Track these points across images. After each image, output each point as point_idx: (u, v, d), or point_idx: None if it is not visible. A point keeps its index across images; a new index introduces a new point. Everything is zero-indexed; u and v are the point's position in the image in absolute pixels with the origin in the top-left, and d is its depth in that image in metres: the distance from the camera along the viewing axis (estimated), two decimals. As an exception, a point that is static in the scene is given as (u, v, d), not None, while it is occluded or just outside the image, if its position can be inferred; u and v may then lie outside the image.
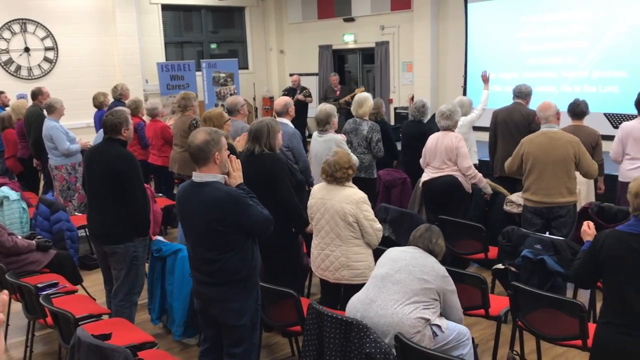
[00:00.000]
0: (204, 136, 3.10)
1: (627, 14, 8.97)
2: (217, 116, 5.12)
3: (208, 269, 3.16)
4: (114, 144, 4.07)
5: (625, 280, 2.67)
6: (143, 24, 12.25)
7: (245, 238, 3.16)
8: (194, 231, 3.19)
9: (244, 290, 3.20)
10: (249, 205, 3.10)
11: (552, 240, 4.18)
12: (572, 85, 9.75)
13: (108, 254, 4.16)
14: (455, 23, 11.16)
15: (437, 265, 3.32)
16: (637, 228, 2.69)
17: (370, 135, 5.99)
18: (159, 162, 7.25)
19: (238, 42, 14.31)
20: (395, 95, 12.39)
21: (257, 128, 4.22)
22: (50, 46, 11.24)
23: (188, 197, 3.18)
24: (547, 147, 4.68)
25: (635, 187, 2.70)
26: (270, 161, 4.19)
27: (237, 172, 3.20)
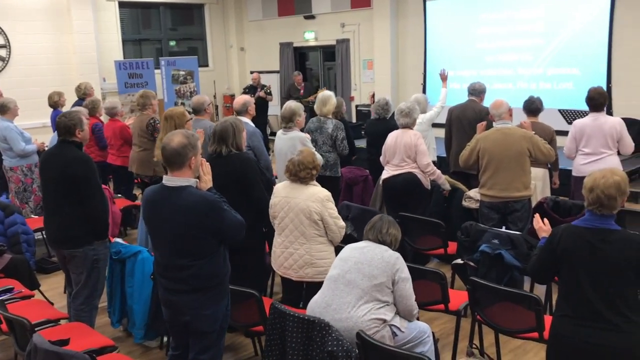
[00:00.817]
0: (181, 139, 3.01)
1: (581, 12, 9.23)
2: (179, 115, 5.05)
3: (181, 276, 3.07)
4: (69, 147, 3.99)
5: (582, 274, 2.73)
6: (100, 21, 12.01)
7: (218, 243, 3.09)
8: (166, 237, 3.09)
9: (216, 296, 3.13)
10: (224, 210, 3.05)
11: (508, 235, 4.28)
12: (528, 82, 9.98)
13: (67, 258, 4.08)
14: (415, 21, 11.29)
15: (387, 254, 3.30)
16: (592, 222, 2.75)
17: (335, 133, 6.00)
18: (118, 162, 7.13)
19: (198, 39, 14.16)
20: (357, 93, 12.46)
21: (223, 128, 4.19)
22: (2, 44, 10.90)
23: (159, 202, 3.08)
24: (502, 143, 4.80)
25: (590, 183, 2.75)
26: (240, 161, 4.18)
27: (207, 175, 3.14)
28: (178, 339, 3.29)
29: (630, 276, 2.68)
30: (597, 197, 2.70)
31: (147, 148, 6.32)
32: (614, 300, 2.68)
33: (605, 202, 2.70)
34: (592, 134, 5.28)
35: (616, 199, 2.71)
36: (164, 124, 5.19)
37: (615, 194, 2.69)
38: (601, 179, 2.71)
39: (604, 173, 2.75)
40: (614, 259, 2.68)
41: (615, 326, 2.66)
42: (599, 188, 2.69)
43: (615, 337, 2.66)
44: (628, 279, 2.69)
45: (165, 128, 5.10)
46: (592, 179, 2.75)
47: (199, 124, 5.72)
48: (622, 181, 2.73)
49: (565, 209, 4.94)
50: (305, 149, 4.15)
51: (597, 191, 2.69)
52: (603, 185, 2.69)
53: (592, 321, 2.70)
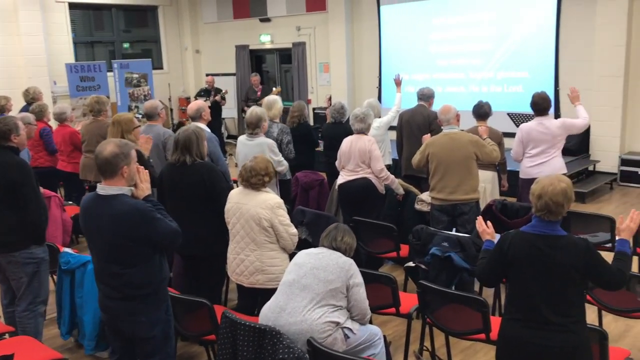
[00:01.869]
0: (113, 148, 3.03)
1: (529, 17, 9.50)
2: (127, 121, 4.97)
3: (115, 283, 3.10)
4: (5, 152, 3.95)
5: (531, 279, 2.80)
6: (49, 23, 11.72)
7: (152, 251, 3.11)
8: (99, 245, 3.12)
9: (152, 303, 3.15)
10: (156, 219, 3.05)
11: (458, 238, 4.38)
12: (480, 85, 10.21)
13: (4, 264, 4.01)
14: (369, 25, 11.41)
15: (341, 260, 3.34)
16: (540, 229, 2.82)
17: (281, 137, 6.02)
18: (68, 169, 6.98)
19: (152, 41, 13.97)
20: (314, 96, 12.51)
21: (186, 138, 4.19)
22: (-53, 46, 10.55)
23: (93, 210, 3.10)
24: (449, 147, 4.91)
25: (538, 190, 2.81)
26: (205, 170, 4.20)
27: (144, 183, 3.15)
28: (116, 344, 3.33)
29: (576, 278, 2.78)
30: (545, 204, 2.77)
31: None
32: (561, 303, 2.77)
33: (554, 209, 2.77)
34: (538, 138, 5.44)
35: (563, 205, 2.79)
36: (111, 129, 5.11)
37: (562, 201, 2.77)
38: (549, 186, 2.78)
39: (552, 180, 2.82)
40: (562, 264, 2.75)
41: (562, 327, 2.75)
42: (547, 195, 2.76)
43: (562, 337, 2.75)
44: (574, 281, 2.78)
45: (111, 133, 5.03)
46: (540, 187, 2.81)
47: (152, 130, 5.65)
48: (569, 188, 2.82)
49: (513, 211, 5.06)
50: (259, 155, 4.15)
51: (546, 198, 2.76)
52: (551, 193, 2.76)
53: (540, 323, 2.78)
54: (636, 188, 8.58)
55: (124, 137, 4.88)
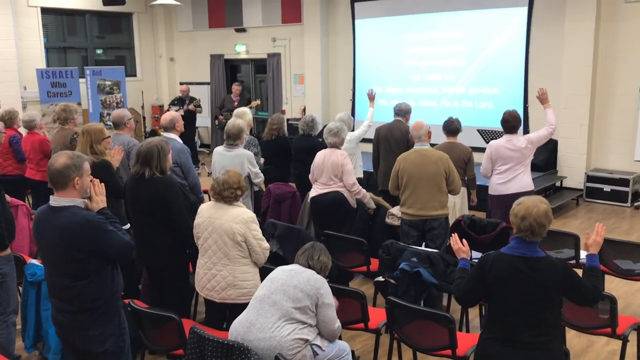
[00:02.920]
0: (65, 160, 3.03)
1: (499, 34, 9.70)
2: (96, 131, 4.92)
3: (65, 296, 3.08)
4: None
5: (511, 300, 2.84)
6: (20, 28, 11.54)
7: (104, 264, 3.09)
8: (50, 257, 3.11)
9: (103, 316, 3.13)
10: (107, 231, 3.04)
11: (427, 254, 4.43)
12: (452, 100, 10.38)
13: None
14: (344, 38, 11.51)
15: (313, 277, 3.36)
16: (521, 250, 2.86)
17: (247, 148, 6.04)
18: (37, 177, 6.88)
19: (125, 48, 13.86)
20: (288, 107, 12.55)
21: (147, 151, 4.15)
22: None
23: (44, 222, 3.08)
24: (420, 163, 4.99)
25: (522, 211, 2.84)
26: (163, 185, 4.14)
27: (99, 196, 3.14)
28: (72, 357, 3.30)
29: (555, 298, 2.85)
30: (529, 225, 2.81)
31: (69, 164, 6.13)
32: (539, 323, 2.83)
33: (537, 230, 2.82)
34: (506, 155, 5.55)
35: (545, 226, 2.85)
36: (80, 138, 5.05)
37: (545, 222, 2.84)
38: (534, 208, 2.82)
39: (535, 202, 2.86)
40: (543, 285, 2.81)
41: (539, 345, 2.81)
42: (532, 216, 2.81)
43: (539, 355, 2.81)
44: (554, 301, 2.85)
45: (80, 143, 4.99)
46: (524, 208, 2.84)
47: (119, 139, 5.61)
48: (549, 209, 2.88)
49: (481, 226, 5.16)
50: (232, 169, 4.15)
51: (530, 220, 2.81)
52: (536, 214, 2.81)
53: (519, 342, 2.83)
54: (601, 204, 8.79)
55: (94, 147, 4.83)
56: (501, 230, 5.04)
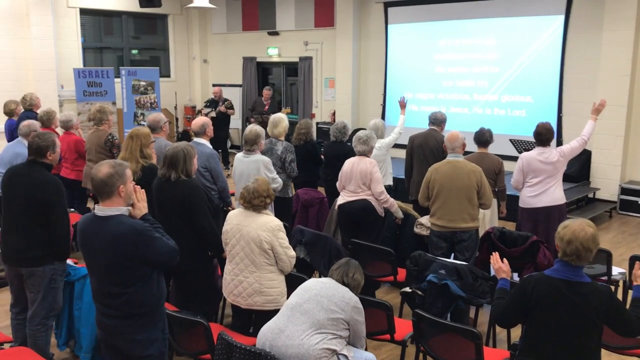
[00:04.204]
0: (108, 169, 3.06)
1: (535, 42, 9.58)
2: (145, 136, 5.04)
3: (112, 302, 3.12)
4: (39, 168, 4.02)
5: (552, 324, 2.80)
6: (60, 28, 11.82)
7: (150, 271, 3.13)
8: (97, 265, 3.14)
9: (149, 322, 3.18)
10: (154, 238, 3.08)
11: (455, 266, 4.41)
12: (484, 107, 10.28)
13: (25, 276, 4.06)
14: (376, 43, 11.49)
15: (347, 295, 3.38)
16: (566, 274, 2.82)
17: (284, 155, 6.10)
18: (72, 176, 7.03)
19: (160, 49, 14.07)
20: (318, 110, 12.59)
21: (173, 154, 4.23)
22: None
23: (90, 231, 3.12)
24: (451, 175, 4.96)
25: (568, 235, 2.79)
26: (188, 188, 4.22)
27: (142, 202, 3.18)
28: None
29: (598, 325, 2.80)
30: (575, 249, 2.77)
31: (105, 164, 6.26)
32: (579, 349, 2.79)
33: (583, 254, 2.78)
34: (538, 168, 5.48)
35: (592, 251, 2.80)
36: (129, 142, 5.16)
37: (592, 247, 2.79)
38: (580, 232, 2.78)
39: (582, 226, 2.82)
40: (586, 311, 2.77)
41: None
42: (579, 240, 2.77)
43: None
44: (595, 328, 2.80)
45: (129, 147, 5.10)
46: (570, 231, 2.80)
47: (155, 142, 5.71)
48: (597, 233, 2.83)
49: (512, 239, 5.09)
50: (260, 177, 4.19)
51: (577, 244, 2.77)
52: (582, 238, 2.77)
53: None
54: (635, 217, 8.61)
55: (143, 150, 4.95)
56: (531, 243, 4.98)
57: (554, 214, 5.49)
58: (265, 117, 10.98)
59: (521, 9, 9.62)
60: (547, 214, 5.48)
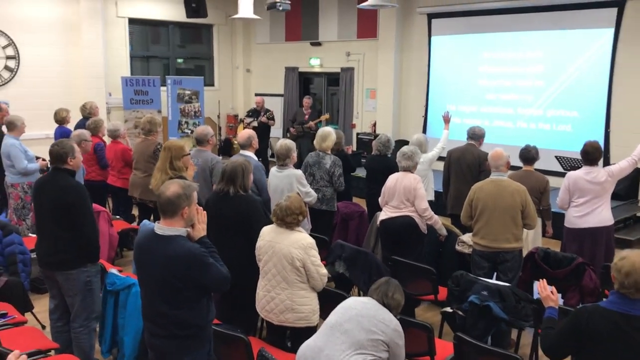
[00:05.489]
0: (176, 189, 3.06)
1: (582, 56, 9.38)
2: (177, 148, 5.13)
3: (161, 322, 3.13)
4: (62, 174, 4.15)
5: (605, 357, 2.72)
6: (109, 37, 12.14)
7: (201, 294, 3.13)
8: (149, 282, 3.17)
9: (196, 344, 3.18)
10: (208, 264, 3.08)
11: (498, 287, 4.33)
12: (528, 122, 10.10)
13: (60, 281, 4.19)
14: (419, 54, 11.44)
15: (388, 317, 3.35)
16: (623, 307, 2.74)
17: (333, 169, 6.12)
18: (118, 184, 7.21)
19: (205, 58, 14.31)
20: (358, 121, 12.59)
21: (232, 169, 4.32)
22: (12, 55, 11.03)
23: (147, 248, 3.15)
24: (495, 194, 4.89)
25: (627, 267, 2.71)
26: (246, 204, 4.33)
27: (202, 224, 3.19)
28: None
29: None
30: (634, 282, 2.70)
31: (152, 174, 6.40)
32: None
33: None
34: (585, 188, 5.35)
35: None
36: (162, 153, 5.29)
37: None
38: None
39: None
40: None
41: None
42: (638, 273, 2.69)
43: None
44: None
45: (162, 158, 5.20)
46: (629, 263, 2.72)
47: (201, 155, 5.82)
48: None
49: (556, 260, 4.99)
50: (293, 194, 4.21)
51: (636, 276, 2.69)
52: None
53: None
54: (686, 238, 8.31)
55: (173, 163, 5.05)
56: (577, 265, 4.87)
57: (601, 235, 5.35)
58: (306, 127, 11.07)
59: (569, 22, 9.43)
60: (593, 235, 5.35)
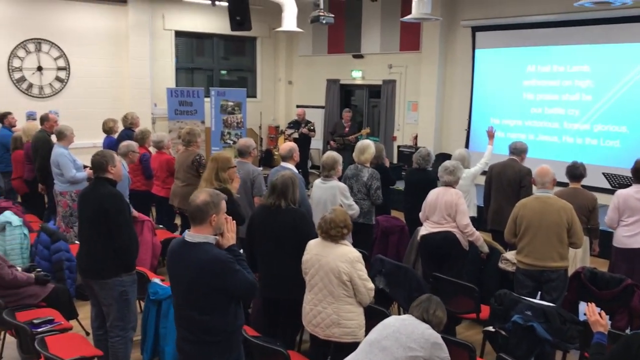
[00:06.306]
0: (205, 197, 3.20)
1: (632, 69, 9.12)
2: (223, 160, 5.19)
3: (191, 327, 3.23)
4: (103, 183, 4.25)
5: None
6: (155, 49, 12.46)
7: (229, 300, 3.21)
8: (180, 289, 3.27)
9: (224, 350, 3.25)
10: (235, 270, 3.16)
11: (542, 308, 4.23)
12: (574, 137, 9.87)
13: (97, 289, 4.26)
14: (463, 67, 11.32)
15: (428, 332, 3.29)
16: None
17: (370, 182, 6.10)
18: (162, 194, 7.34)
19: (248, 70, 14.51)
20: (399, 134, 12.52)
21: (283, 183, 4.38)
22: (63, 66, 11.44)
23: (177, 255, 3.26)
24: (541, 211, 4.77)
25: None
26: (300, 218, 4.39)
27: (231, 233, 3.28)
28: None
29: None
30: None
31: (191, 183, 6.52)
32: None
33: None
34: (636, 206, 5.20)
35: None
36: (209, 164, 5.36)
37: None
38: None
39: None
40: None
41: None
42: None
43: None
44: None
45: (209, 168, 5.27)
46: None
47: (243, 167, 5.87)
48: None
49: (603, 281, 4.84)
50: (337, 207, 4.21)
51: None
52: None
53: None
54: None
55: (219, 174, 5.11)
56: (625, 287, 4.71)
57: (653, 256, 5.18)
58: (347, 140, 11.07)
59: (618, 36, 9.19)
60: (644, 256, 5.18)
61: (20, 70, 11.04)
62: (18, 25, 10.88)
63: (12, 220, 6.17)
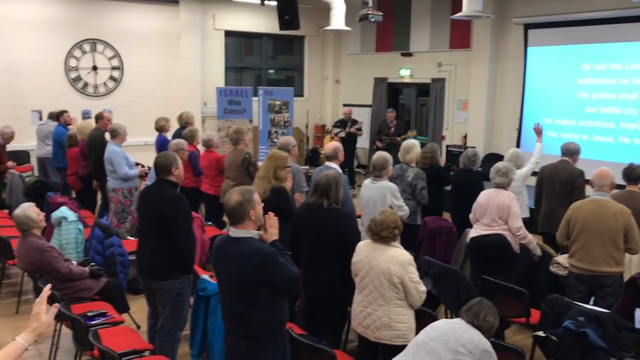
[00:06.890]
0: (237, 197, 3.26)
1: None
2: (282, 159, 5.24)
3: (237, 321, 3.30)
4: (165, 186, 4.32)
5: None
6: (206, 49, 12.66)
7: (273, 294, 3.26)
8: (225, 283, 3.35)
9: (269, 344, 3.30)
10: (278, 263, 3.21)
11: (596, 314, 4.10)
12: (631, 137, 9.50)
13: (155, 290, 4.36)
14: (514, 65, 11.07)
15: (478, 338, 3.23)
16: None
17: (415, 182, 6.04)
18: (211, 192, 7.46)
19: (295, 69, 14.58)
20: (448, 133, 12.35)
21: (326, 183, 4.38)
22: (117, 66, 11.76)
23: (222, 251, 3.34)
24: (596, 215, 4.63)
25: None
26: (342, 217, 4.39)
27: (273, 229, 3.33)
28: None
29: None
30: None
31: (241, 182, 6.59)
32: None
33: None
34: (698, 211, 4.96)
35: None
36: (266, 162, 5.40)
37: None
38: None
39: None
40: None
41: None
42: None
43: None
44: None
45: (265, 167, 5.32)
46: None
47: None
48: None
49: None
50: (387, 209, 4.18)
51: None
52: None
53: None
54: None
55: (276, 172, 5.15)
56: (686, 295, 4.52)
57: None
58: (393, 139, 10.99)
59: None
60: None
61: (76, 69, 11.42)
62: (74, 26, 11.25)
63: (68, 215, 6.38)
